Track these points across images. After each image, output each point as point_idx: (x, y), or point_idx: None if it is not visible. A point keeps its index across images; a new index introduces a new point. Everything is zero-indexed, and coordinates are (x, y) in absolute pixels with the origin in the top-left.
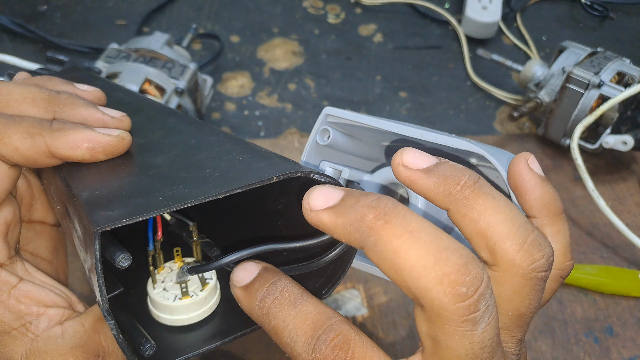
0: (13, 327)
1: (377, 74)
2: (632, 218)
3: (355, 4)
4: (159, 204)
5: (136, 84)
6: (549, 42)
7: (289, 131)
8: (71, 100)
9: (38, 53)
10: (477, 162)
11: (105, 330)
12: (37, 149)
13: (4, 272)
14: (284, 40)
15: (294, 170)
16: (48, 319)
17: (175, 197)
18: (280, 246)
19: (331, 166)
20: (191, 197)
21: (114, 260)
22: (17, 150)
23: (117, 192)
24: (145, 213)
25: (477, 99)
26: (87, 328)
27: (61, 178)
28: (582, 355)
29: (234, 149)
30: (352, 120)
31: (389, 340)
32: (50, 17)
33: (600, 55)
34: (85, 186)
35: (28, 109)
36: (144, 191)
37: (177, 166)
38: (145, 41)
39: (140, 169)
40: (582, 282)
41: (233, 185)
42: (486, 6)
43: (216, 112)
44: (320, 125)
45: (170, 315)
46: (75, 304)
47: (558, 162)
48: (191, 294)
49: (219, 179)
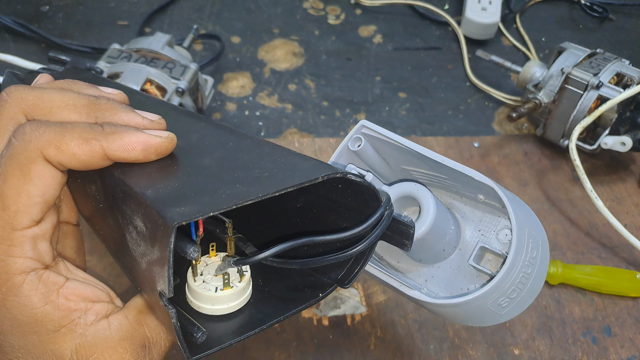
0: (62, 324)
1: (377, 74)
2: (630, 218)
3: (355, 5)
4: (225, 202)
5: (137, 84)
6: (548, 43)
7: (289, 131)
8: (110, 105)
9: (40, 53)
10: (484, 199)
11: (148, 322)
12: (94, 153)
13: (52, 273)
14: (284, 41)
15: (335, 171)
16: (95, 314)
17: (237, 195)
18: (318, 239)
19: (357, 169)
20: (252, 195)
21: (186, 252)
22: (74, 156)
23: (180, 190)
24: (215, 210)
25: (476, 99)
26: (131, 320)
27: (113, 178)
28: (580, 355)
29: (273, 152)
30: (383, 135)
31: (387, 338)
32: (52, 17)
33: (600, 56)
34: (146, 185)
35: (71, 115)
36: (205, 190)
37: (226, 167)
38: (147, 41)
39: (193, 170)
40: (580, 282)
41: (285, 184)
42: (485, 7)
43: (217, 113)
44: (354, 133)
45: (212, 305)
46: (114, 298)
47: (556, 163)
48: (232, 285)
49: (270, 178)
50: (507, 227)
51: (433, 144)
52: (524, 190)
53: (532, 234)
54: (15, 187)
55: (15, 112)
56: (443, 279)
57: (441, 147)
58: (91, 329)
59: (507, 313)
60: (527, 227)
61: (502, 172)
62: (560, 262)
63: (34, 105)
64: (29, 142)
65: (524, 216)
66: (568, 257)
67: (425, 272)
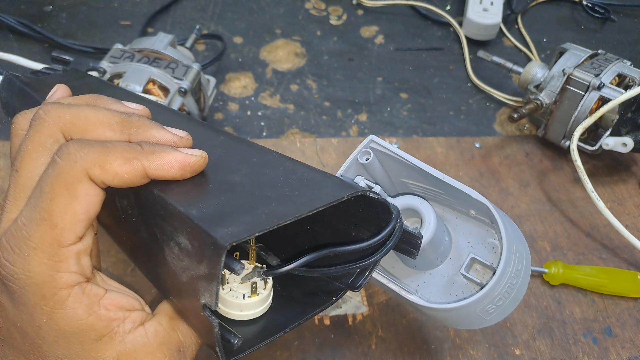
0: (104, 333)
1: (379, 75)
2: (631, 219)
3: (357, 6)
4: (267, 222)
5: (140, 84)
6: (549, 44)
7: (291, 131)
8: (142, 122)
9: (44, 52)
10: (475, 214)
11: (180, 327)
12: (136, 172)
13: (93, 286)
14: (286, 41)
15: (358, 190)
16: (132, 322)
17: (275, 214)
18: (340, 249)
19: (365, 181)
20: (289, 215)
21: (233, 269)
22: (117, 175)
23: (221, 209)
24: (259, 230)
25: (477, 100)
26: (165, 327)
27: (152, 195)
28: (580, 356)
29: (295, 168)
30: (389, 150)
31: (388, 338)
32: (56, 17)
33: (601, 57)
34: (188, 204)
35: (106, 133)
36: (245, 209)
37: (257, 185)
38: (149, 42)
39: (226, 187)
40: (581, 282)
41: (317, 204)
42: (487, 8)
43: (219, 113)
44: (363, 147)
45: (240, 312)
46: (144, 305)
47: (558, 164)
48: (258, 292)
49: (301, 197)
50: (495, 240)
51: (434, 145)
52: (525, 190)
53: (518, 249)
54: (62, 205)
55: (54, 130)
56: (434, 285)
57: (442, 147)
58: (130, 337)
59: (492, 318)
60: (515, 243)
61: (503, 173)
62: (561, 263)
63: (71, 123)
64: (74, 162)
65: (512, 232)
66: (569, 257)
67: (417, 278)
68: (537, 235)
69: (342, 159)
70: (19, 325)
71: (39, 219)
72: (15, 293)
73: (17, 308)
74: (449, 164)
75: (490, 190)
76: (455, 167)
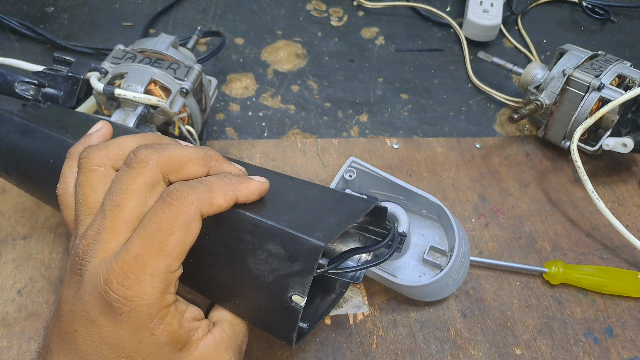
0: (185, 342)
1: (379, 75)
2: (632, 220)
3: (357, 7)
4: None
5: (142, 85)
6: (549, 45)
7: (292, 132)
8: (217, 156)
9: (45, 53)
10: (427, 213)
11: (237, 331)
12: (231, 202)
13: (180, 303)
14: (287, 42)
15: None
16: (202, 330)
17: (339, 222)
18: (362, 250)
19: (353, 193)
20: (349, 222)
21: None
22: (219, 207)
23: (300, 221)
24: (337, 232)
25: (477, 101)
26: (228, 332)
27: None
28: (581, 356)
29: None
30: (366, 167)
31: (389, 338)
32: (58, 17)
33: (601, 58)
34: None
35: (194, 169)
36: (315, 219)
37: (307, 203)
38: (151, 42)
39: (289, 205)
40: (581, 282)
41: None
42: (487, 9)
43: (220, 113)
44: (347, 166)
45: None
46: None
47: (558, 164)
48: None
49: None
50: (442, 232)
51: (435, 145)
52: (525, 191)
53: (464, 237)
54: (178, 239)
55: (156, 172)
56: (405, 270)
57: (443, 148)
58: (202, 344)
59: (449, 290)
60: (461, 232)
61: (503, 173)
62: (562, 262)
63: (168, 164)
64: (191, 204)
65: (458, 225)
66: (569, 258)
67: (391, 266)
68: (537, 235)
69: (343, 159)
70: (114, 342)
71: (156, 250)
72: (122, 314)
73: (118, 326)
74: (449, 164)
75: (490, 190)
76: (456, 168)
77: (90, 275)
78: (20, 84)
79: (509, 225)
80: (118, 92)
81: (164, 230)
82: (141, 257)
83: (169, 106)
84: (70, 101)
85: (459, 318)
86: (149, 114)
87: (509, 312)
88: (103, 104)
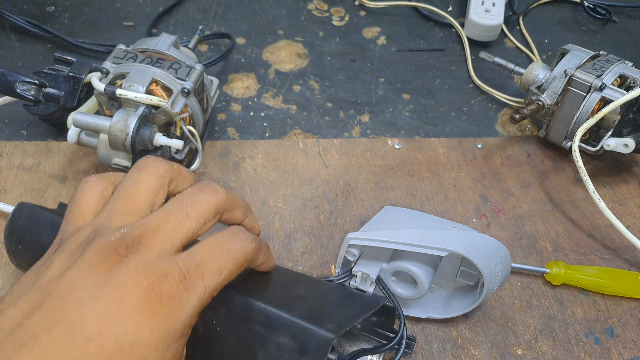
0: None
1: (381, 75)
2: (633, 220)
3: (359, 7)
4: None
5: (143, 84)
6: (551, 45)
7: (294, 132)
8: (251, 210)
9: (46, 52)
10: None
11: None
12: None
13: None
14: (289, 42)
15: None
16: None
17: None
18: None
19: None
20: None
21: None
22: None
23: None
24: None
25: (479, 101)
26: None
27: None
28: (582, 356)
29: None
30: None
31: None
32: (58, 17)
33: (603, 58)
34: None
35: (238, 215)
36: (326, 311)
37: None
38: (152, 42)
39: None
40: (582, 283)
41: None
42: (489, 9)
43: (222, 113)
44: (346, 247)
45: None
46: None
47: (559, 164)
48: None
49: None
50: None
51: (436, 145)
52: (526, 191)
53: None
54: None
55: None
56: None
57: (444, 148)
58: None
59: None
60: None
61: (504, 173)
62: (563, 263)
63: (226, 208)
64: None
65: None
66: (570, 258)
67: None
68: (538, 235)
69: (345, 159)
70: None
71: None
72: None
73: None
74: (451, 165)
75: (491, 190)
76: (457, 168)
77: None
78: (21, 84)
79: (510, 226)
80: (119, 92)
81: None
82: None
83: (170, 106)
84: (71, 101)
85: (461, 318)
86: (151, 114)
87: (510, 313)
88: (104, 104)
